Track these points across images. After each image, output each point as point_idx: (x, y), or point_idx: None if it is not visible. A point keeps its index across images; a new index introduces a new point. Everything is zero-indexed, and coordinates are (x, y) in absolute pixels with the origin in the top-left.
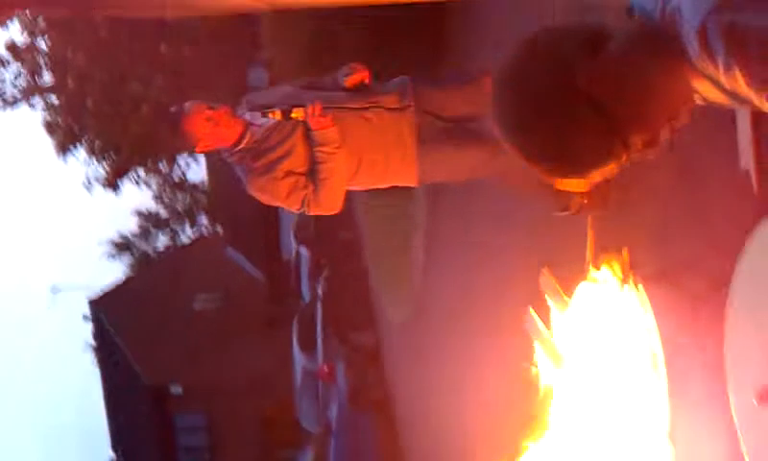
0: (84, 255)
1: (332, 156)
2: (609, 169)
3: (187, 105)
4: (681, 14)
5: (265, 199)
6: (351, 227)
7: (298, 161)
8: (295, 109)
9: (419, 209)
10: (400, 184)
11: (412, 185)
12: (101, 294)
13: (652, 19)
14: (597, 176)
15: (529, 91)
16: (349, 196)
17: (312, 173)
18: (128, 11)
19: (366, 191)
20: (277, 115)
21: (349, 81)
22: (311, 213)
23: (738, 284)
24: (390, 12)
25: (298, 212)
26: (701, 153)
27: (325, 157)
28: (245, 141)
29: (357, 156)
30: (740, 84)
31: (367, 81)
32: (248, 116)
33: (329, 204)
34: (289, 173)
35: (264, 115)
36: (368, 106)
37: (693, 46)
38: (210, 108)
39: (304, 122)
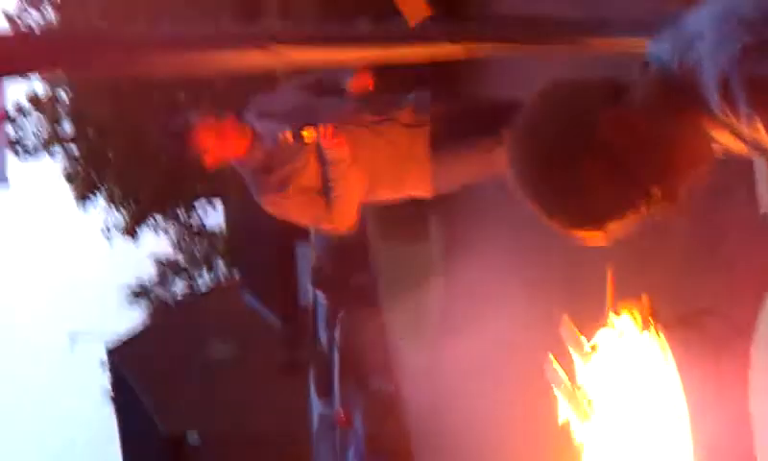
0: (102, 302)
1: (344, 173)
2: (628, 221)
3: (192, 116)
4: (701, 66)
5: (276, 214)
6: (368, 271)
7: (309, 177)
8: (306, 129)
9: (436, 253)
10: (414, 196)
11: (426, 196)
12: (118, 341)
13: (670, 70)
14: (616, 228)
15: (548, 141)
16: (365, 239)
17: (325, 189)
18: (152, 70)
19: (382, 234)
20: (288, 136)
21: (353, 86)
22: (324, 229)
23: (763, 332)
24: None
25: (312, 229)
26: (720, 199)
27: (338, 175)
28: (254, 153)
29: (370, 171)
30: (762, 134)
31: (371, 88)
32: (256, 125)
33: (343, 220)
34: (301, 190)
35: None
36: (382, 120)
37: (714, 97)
38: (216, 118)
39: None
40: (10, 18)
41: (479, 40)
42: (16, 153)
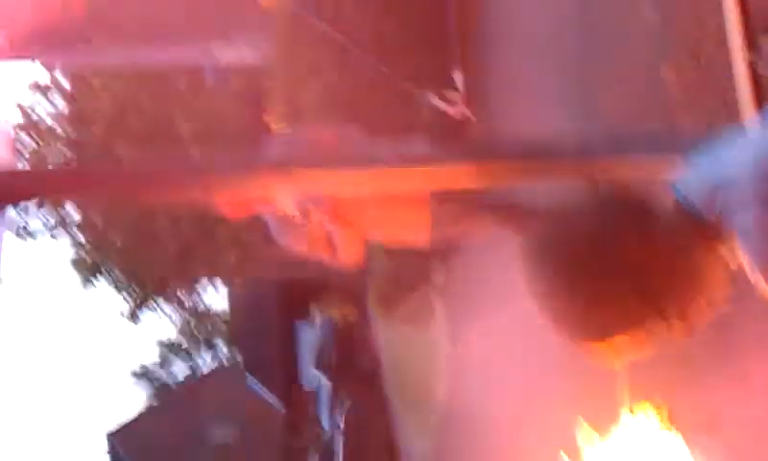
0: (103, 385)
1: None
2: (639, 340)
3: None
4: (735, 222)
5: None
6: (372, 354)
7: (318, 232)
8: (312, 210)
9: (441, 335)
10: (412, 243)
11: (424, 244)
12: (118, 427)
13: (698, 212)
14: (628, 347)
15: (572, 249)
16: (369, 321)
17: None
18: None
19: (385, 315)
20: (297, 217)
21: None
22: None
23: None
24: None
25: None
26: (734, 307)
27: (341, 236)
28: (276, 211)
29: (371, 222)
30: None
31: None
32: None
33: (349, 258)
34: (312, 241)
35: None
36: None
37: (749, 262)
38: None
39: None
40: (21, 108)
41: (494, 161)
42: (21, 237)
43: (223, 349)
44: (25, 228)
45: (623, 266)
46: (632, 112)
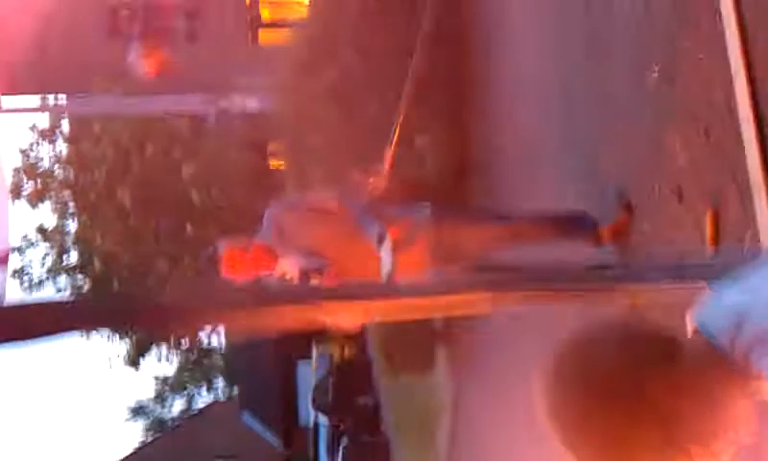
0: (100, 420)
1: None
2: None
3: (221, 247)
4: (751, 358)
5: None
6: (372, 394)
7: None
8: (312, 275)
9: (442, 386)
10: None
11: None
12: None
13: (723, 348)
14: None
15: (593, 383)
16: (368, 360)
17: None
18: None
19: (386, 363)
20: (296, 276)
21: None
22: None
23: None
24: None
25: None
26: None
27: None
28: (277, 274)
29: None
30: None
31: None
32: (274, 243)
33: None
34: None
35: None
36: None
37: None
38: (242, 248)
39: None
40: (23, 152)
41: (510, 289)
42: (22, 283)
43: (221, 385)
44: (27, 273)
45: (645, 404)
46: (636, 178)
